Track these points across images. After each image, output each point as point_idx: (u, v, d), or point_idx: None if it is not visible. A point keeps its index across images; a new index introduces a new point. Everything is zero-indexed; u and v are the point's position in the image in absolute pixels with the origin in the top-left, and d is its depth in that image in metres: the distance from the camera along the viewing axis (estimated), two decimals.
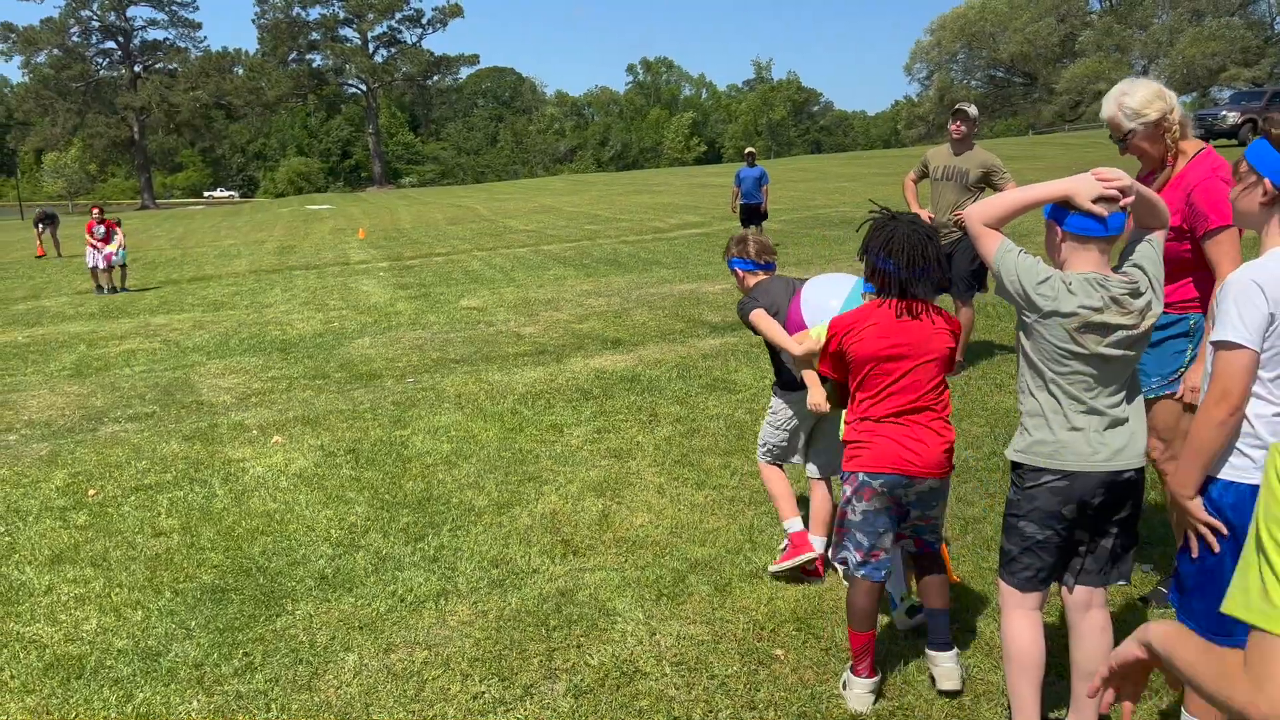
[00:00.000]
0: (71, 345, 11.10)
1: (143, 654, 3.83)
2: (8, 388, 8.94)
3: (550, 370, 8.49)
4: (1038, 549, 2.79)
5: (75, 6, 75.95)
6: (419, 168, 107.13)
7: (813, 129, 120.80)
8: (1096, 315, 2.65)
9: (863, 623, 3.22)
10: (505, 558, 4.58)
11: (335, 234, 26.86)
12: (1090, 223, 2.66)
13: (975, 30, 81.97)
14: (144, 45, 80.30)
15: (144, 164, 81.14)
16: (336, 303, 13.46)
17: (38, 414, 7.87)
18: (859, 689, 3.22)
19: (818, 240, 17.29)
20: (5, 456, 6.68)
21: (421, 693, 3.46)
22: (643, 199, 33.03)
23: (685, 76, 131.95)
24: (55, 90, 76.24)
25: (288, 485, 5.78)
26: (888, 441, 3.14)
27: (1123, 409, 2.75)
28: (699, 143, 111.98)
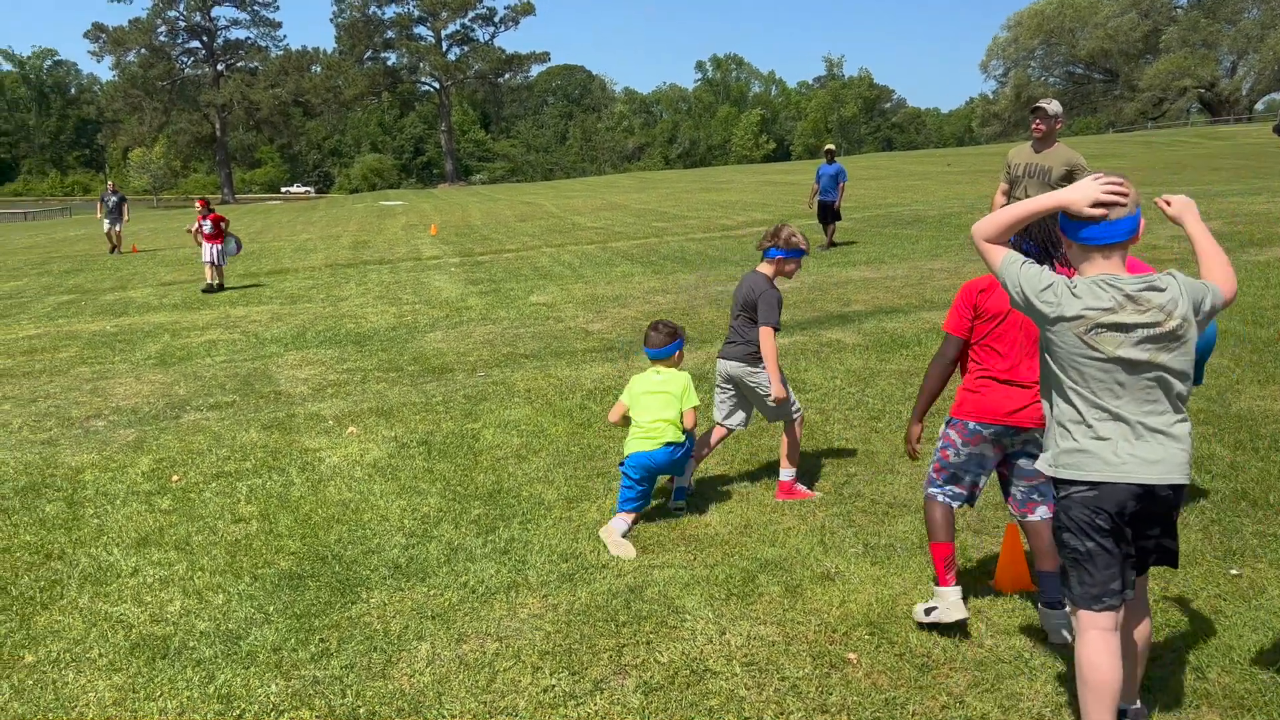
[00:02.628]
0: (156, 335, 11.47)
1: (223, 636, 3.93)
2: (97, 375, 9.27)
3: (618, 366, 8.51)
4: (1086, 563, 2.74)
5: (162, 7, 78.41)
6: (489, 165, 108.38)
7: (884, 126, 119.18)
8: (1108, 315, 2.65)
9: (945, 534, 3.69)
10: (575, 552, 4.60)
11: (408, 230, 27.30)
12: (1095, 229, 2.70)
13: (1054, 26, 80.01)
14: (227, 44, 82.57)
15: (225, 160, 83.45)
16: (409, 297, 13.67)
17: (125, 401, 8.14)
18: (953, 598, 3.61)
19: (890, 239, 17.04)
20: (94, 441, 6.92)
21: (493, 684, 3.49)
22: (710, 196, 32.92)
23: (755, 73, 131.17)
24: (142, 89, 78.80)
25: (362, 475, 5.88)
26: (997, 395, 3.62)
27: (1158, 419, 2.70)
28: (768, 140, 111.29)
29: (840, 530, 4.69)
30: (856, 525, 4.76)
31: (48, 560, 4.81)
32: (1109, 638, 2.72)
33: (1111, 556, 2.72)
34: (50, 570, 4.69)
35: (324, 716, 3.35)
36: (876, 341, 8.83)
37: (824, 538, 4.60)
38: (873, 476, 5.45)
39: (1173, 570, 3.85)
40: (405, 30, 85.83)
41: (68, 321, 13.01)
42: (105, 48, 78.00)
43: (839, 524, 4.76)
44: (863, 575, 4.19)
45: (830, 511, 4.93)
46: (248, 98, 78.99)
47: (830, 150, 17.60)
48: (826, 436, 6.21)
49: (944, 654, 3.54)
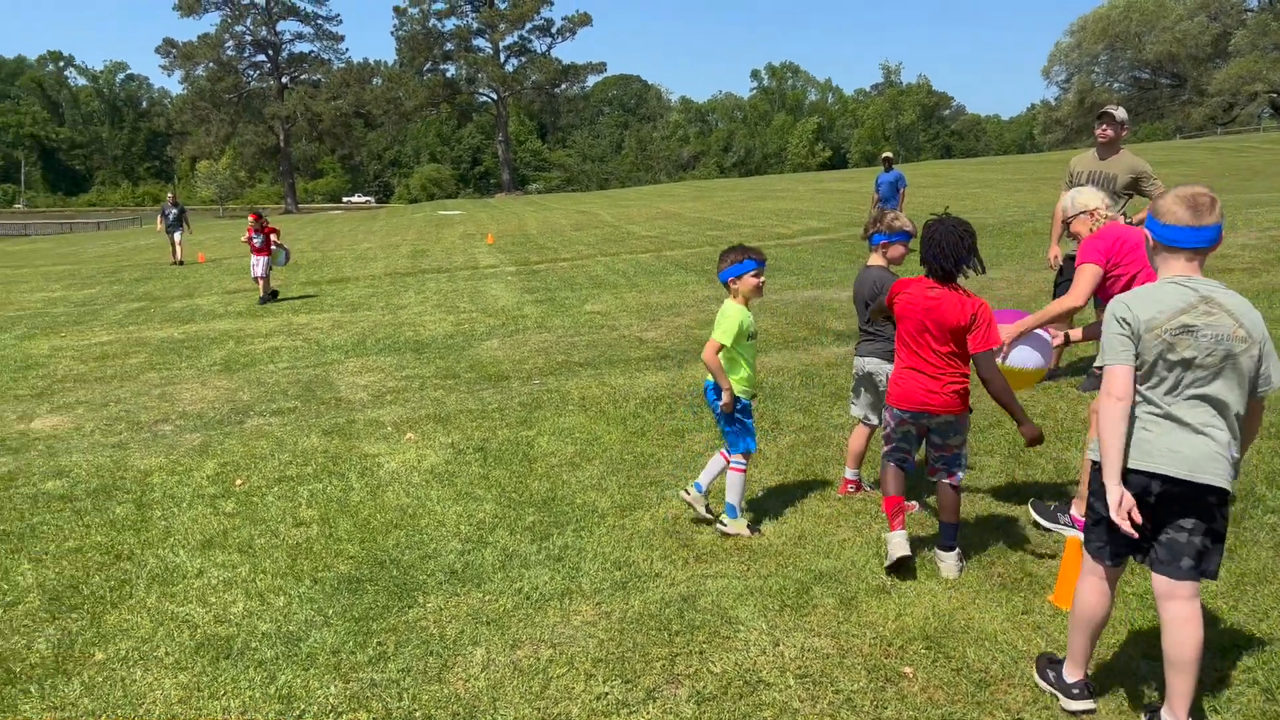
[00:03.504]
0: (221, 342, 11.75)
1: (284, 638, 4.01)
2: (165, 381, 9.52)
3: (672, 375, 8.52)
4: (1104, 526, 3.08)
5: (230, 22, 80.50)
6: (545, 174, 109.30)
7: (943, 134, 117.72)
8: (1182, 316, 2.91)
9: (893, 488, 4.38)
10: (628, 560, 4.61)
11: (465, 239, 27.62)
12: (1184, 232, 2.95)
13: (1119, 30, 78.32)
14: (291, 58, 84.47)
15: (288, 170, 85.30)
16: (466, 305, 13.83)
17: (190, 406, 8.35)
18: (897, 539, 4.24)
19: None
20: (162, 445, 7.11)
21: (546, 690, 3.51)
22: (766, 205, 32.80)
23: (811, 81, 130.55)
24: (210, 101, 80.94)
25: (420, 481, 5.96)
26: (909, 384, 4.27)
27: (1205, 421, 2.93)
28: (824, 148, 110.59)
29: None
30: (912, 537, 4.69)
31: (117, 560, 4.96)
32: (1102, 585, 3.17)
33: None
34: (120, 570, 4.83)
35: (380, 718, 3.40)
36: None
37: (879, 550, 4.55)
38: (930, 489, 5.37)
39: (1244, 589, 3.78)
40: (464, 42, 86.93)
41: (138, 328, 13.40)
42: (175, 62, 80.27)
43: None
44: (919, 588, 4.13)
45: (886, 524, 4.87)
46: (311, 109, 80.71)
47: (888, 158, 17.44)
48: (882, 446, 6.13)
49: (1002, 670, 3.49)
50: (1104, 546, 3.14)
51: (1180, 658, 2.96)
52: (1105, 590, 3.18)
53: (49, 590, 4.62)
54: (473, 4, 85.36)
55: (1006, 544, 4.55)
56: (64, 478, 6.39)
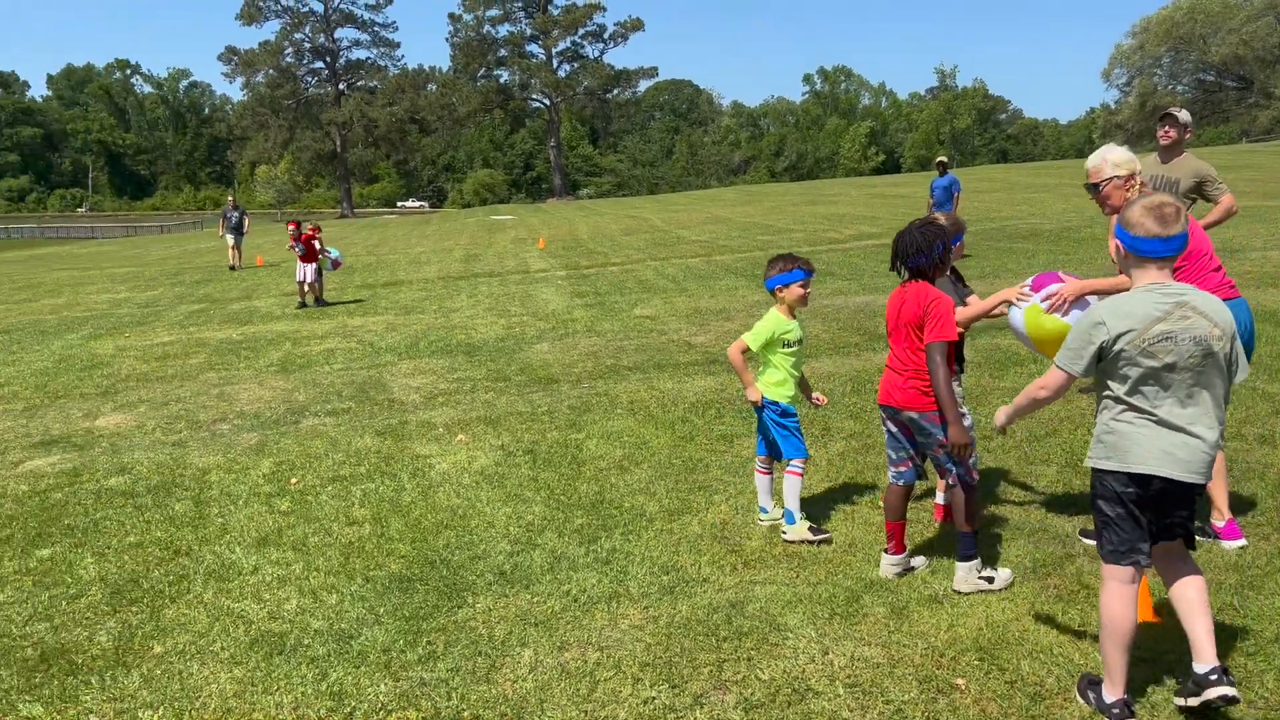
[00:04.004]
0: (278, 343, 11.97)
1: (336, 636, 4.07)
2: (223, 381, 9.73)
3: (721, 380, 8.49)
4: (1114, 527, 3.19)
5: (290, 30, 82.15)
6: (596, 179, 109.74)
7: (999, 138, 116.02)
8: (1159, 325, 3.04)
9: (890, 514, 4.34)
10: (675, 565, 4.60)
11: (517, 243, 27.84)
12: (1154, 243, 3.09)
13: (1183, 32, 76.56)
14: (348, 64, 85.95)
15: (344, 175, 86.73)
16: (517, 309, 13.93)
17: (248, 406, 8.52)
18: (886, 561, 4.32)
19: (1005, 252, 16.55)
20: (220, 444, 7.26)
21: (594, 693, 3.51)
22: (817, 209, 32.59)
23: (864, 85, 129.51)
24: (270, 108, 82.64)
25: (470, 482, 6.01)
26: (883, 380, 4.32)
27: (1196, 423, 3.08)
28: (877, 152, 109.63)
29: (948, 553, 4.56)
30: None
31: (176, 556, 5.07)
32: (1129, 590, 3.17)
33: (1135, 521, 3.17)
34: (178, 566, 4.93)
35: (430, 717, 3.43)
36: (989, 358, 8.59)
37: (931, 559, 4.49)
38: (983, 497, 5.29)
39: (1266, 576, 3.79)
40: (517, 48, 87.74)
41: (198, 329, 13.70)
42: (237, 69, 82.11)
43: (947, 545, 4.64)
44: (972, 599, 4.06)
45: (938, 532, 4.81)
46: (367, 115, 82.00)
47: (943, 162, 17.24)
48: None
49: (1058, 684, 3.41)
50: (1121, 546, 3.19)
51: (1194, 603, 3.21)
52: (1131, 598, 3.19)
53: (111, 584, 4.74)
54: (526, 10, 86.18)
55: (1062, 555, 4.46)
56: (126, 474, 6.55)
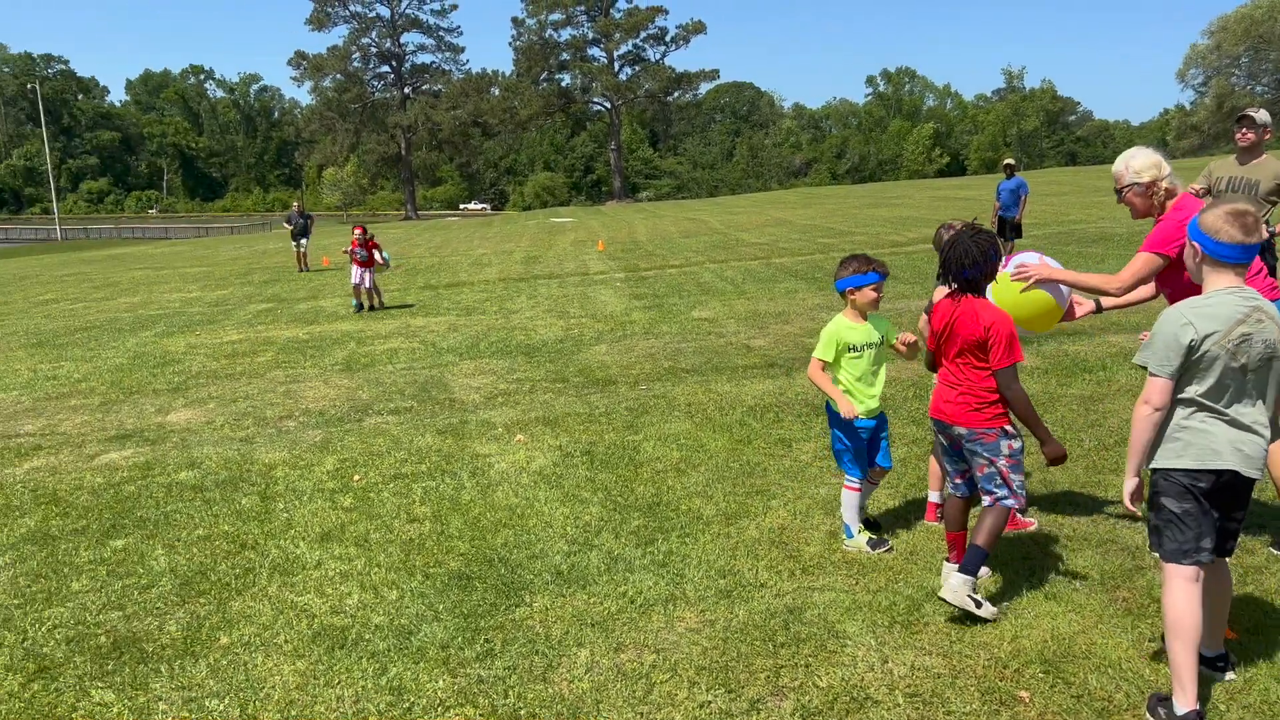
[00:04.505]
0: (343, 343, 12.19)
1: (396, 631, 4.12)
2: (290, 379, 9.93)
3: (779, 384, 8.43)
4: (1177, 525, 3.20)
5: (357, 34, 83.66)
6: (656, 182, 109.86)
7: (1068, 140, 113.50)
8: (1240, 327, 3.08)
9: (951, 525, 4.24)
10: (733, 569, 4.58)
11: (576, 245, 27.99)
12: (1236, 250, 3.14)
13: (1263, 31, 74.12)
14: (414, 69, 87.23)
15: (409, 178, 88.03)
16: (576, 311, 14.00)
17: (313, 403, 8.68)
18: (948, 570, 4.10)
19: (1073, 257, 16.19)
20: (285, 441, 7.41)
21: (650, 695, 3.51)
22: (880, 212, 32.22)
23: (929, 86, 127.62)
24: (337, 111, 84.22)
25: (529, 482, 6.05)
26: (935, 394, 4.18)
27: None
28: (941, 154, 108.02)
29: (1014, 562, 4.47)
30: (1031, 558, 4.53)
31: (242, 550, 5.18)
32: (1195, 588, 3.18)
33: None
34: (245, 559, 5.04)
35: (487, 715, 3.45)
36: (1057, 365, 8.40)
37: (995, 568, 4.40)
38: (1050, 507, 5.17)
39: None
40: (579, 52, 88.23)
41: (265, 328, 14.02)
42: (305, 73, 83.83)
43: (1012, 555, 4.54)
44: (1037, 610, 3.97)
45: (1002, 542, 4.71)
46: (431, 119, 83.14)
47: (1010, 165, 16.91)
48: None
49: (1126, 699, 3.32)
50: (1186, 544, 3.18)
51: (1225, 603, 3.40)
52: (1197, 596, 3.18)
53: (180, 575, 4.86)
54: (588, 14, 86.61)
55: (1132, 567, 4.34)
56: (196, 469, 6.73)
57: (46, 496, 6.26)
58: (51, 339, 14.02)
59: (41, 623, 4.39)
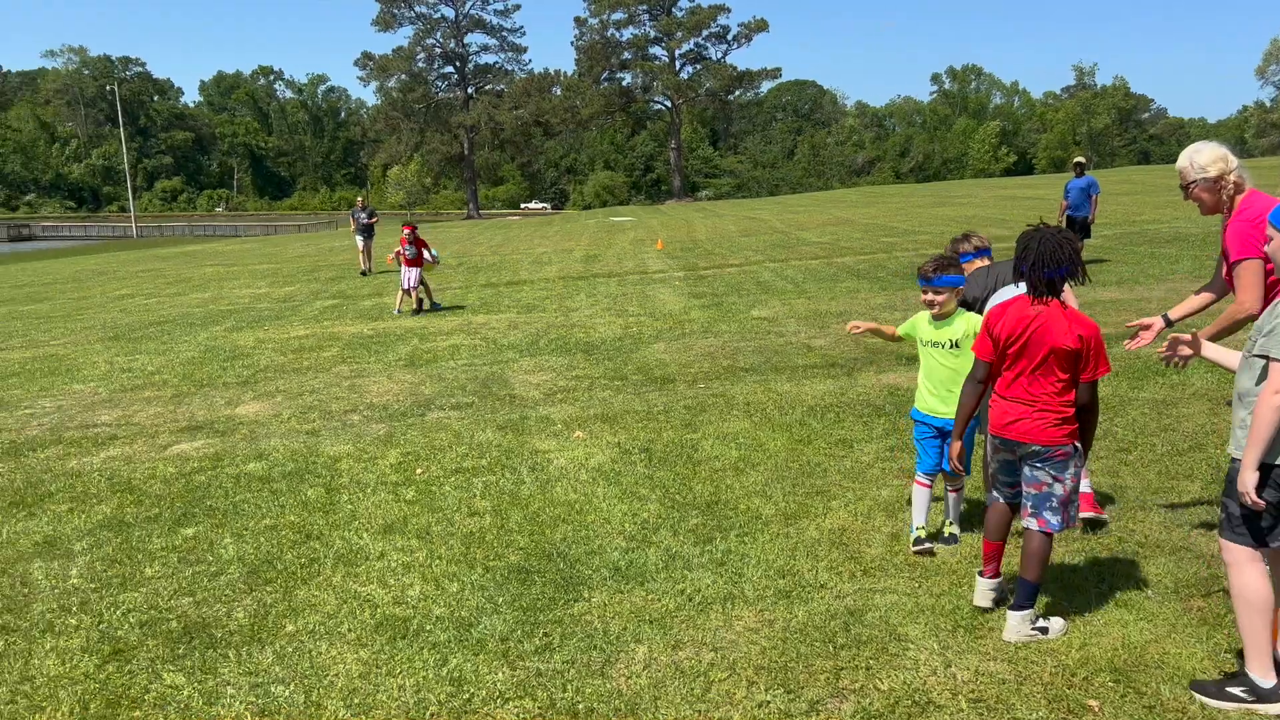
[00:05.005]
0: (406, 339, 12.37)
1: (457, 623, 4.17)
2: (354, 374, 10.11)
3: (840, 384, 8.34)
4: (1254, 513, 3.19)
5: (422, 35, 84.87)
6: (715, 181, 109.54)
7: (1140, 138, 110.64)
8: None
9: (991, 533, 3.99)
10: (792, 569, 4.54)
11: (635, 244, 28.02)
12: None
13: None
14: (477, 69, 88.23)
15: (471, 177, 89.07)
16: (635, 309, 14.02)
17: (377, 398, 8.82)
18: (982, 587, 3.97)
19: (1145, 257, 15.76)
20: (350, 434, 7.54)
21: (708, 693, 3.49)
22: (944, 211, 31.72)
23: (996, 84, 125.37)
24: (401, 111, 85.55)
25: (587, 478, 6.07)
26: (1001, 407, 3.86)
27: None
28: (1008, 153, 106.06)
29: (1082, 568, 4.36)
30: (1101, 564, 4.41)
31: (308, 540, 5.28)
32: (1264, 566, 3.24)
33: None
34: (310, 549, 5.14)
35: (545, 708, 3.47)
36: (1127, 367, 8.18)
37: (1063, 575, 4.30)
38: (1120, 513, 5.04)
39: None
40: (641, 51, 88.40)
41: (331, 324, 14.28)
42: (371, 74, 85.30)
43: (1081, 561, 4.43)
44: (1107, 618, 3.87)
45: (1071, 548, 4.60)
46: (494, 119, 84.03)
47: (1080, 163, 16.52)
48: None
49: (1201, 710, 3.22)
50: (1265, 531, 3.21)
51: None
52: (1266, 571, 3.24)
53: (248, 563, 4.98)
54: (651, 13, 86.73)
55: (1207, 576, 4.20)
56: (263, 460, 6.87)
57: (122, 485, 6.46)
58: (127, 333, 14.46)
59: (116, 606, 4.53)
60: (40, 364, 11.71)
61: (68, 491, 6.35)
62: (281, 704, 3.60)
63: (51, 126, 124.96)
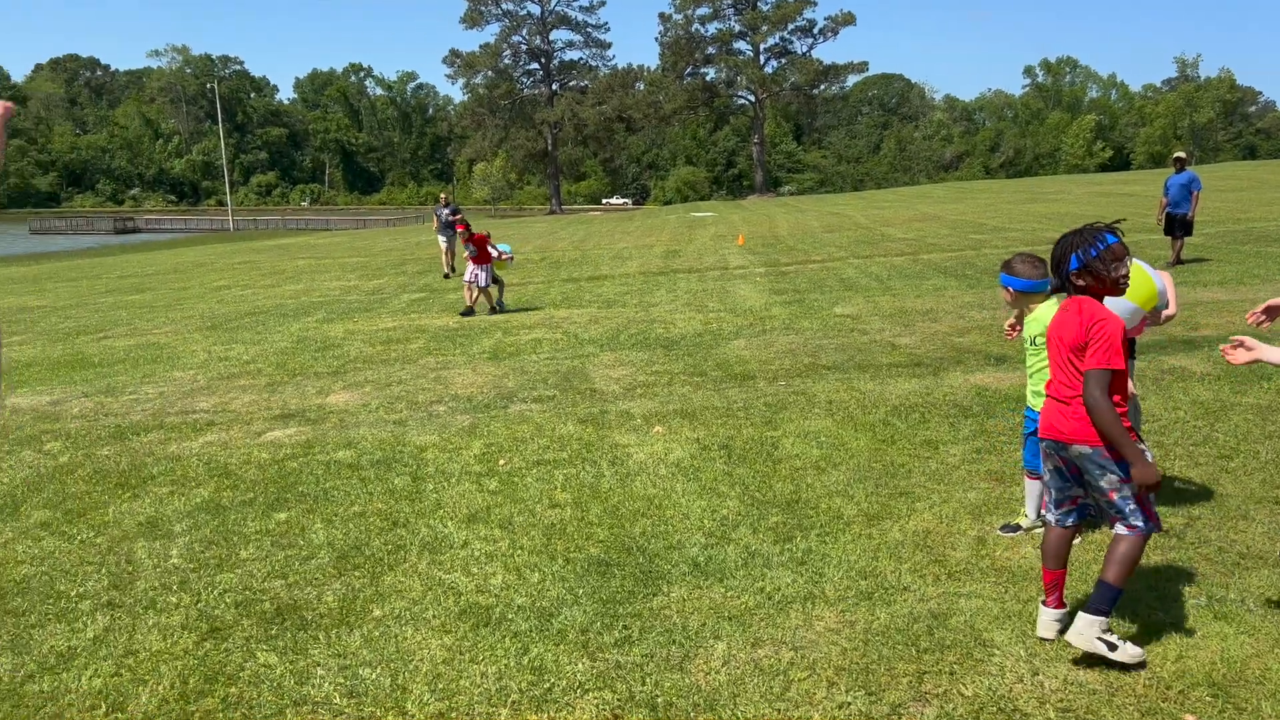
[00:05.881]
0: (490, 332, 12.56)
1: (538, 613, 4.22)
2: (440, 365, 10.30)
3: (926, 383, 8.19)
4: None
5: (508, 32, 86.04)
6: (798, 176, 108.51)
7: (1246, 132, 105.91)
8: None
9: (1049, 561, 3.78)
10: (874, 570, 4.48)
11: (716, 240, 27.94)
12: None
13: None
14: (561, 65, 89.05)
15: (554, 173, 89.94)
16: (715, 305, 13.98)
17: (462, 390, 8.98)
18: (1045, 617, 3.76)
19: (1250, 256, 15.10)
20: (435, 425, 7.69)
21: (787, 692, 3.47)
22: (1036, 208, 30.86)
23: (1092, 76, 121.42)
24: (487, 108, 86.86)
25: (666, 473, 6.09)
26: (1045, 408, 3.79)
27: None
28: (1104, 148, 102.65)
29: (1179, 578, 4.21)
30: (1200, 575, 4.25)
31: (394, 527, 5.41)
32: None
33: None
34: (396, 536, 5.27)
35: (624, 700, 3.50)
36: (1229, 371, 7.85)
37: (1158, 584, 4.15)
38: (1221, 522, 4.84)
39: None
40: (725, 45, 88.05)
41: (418, 316, 14.58)
42: (459, 70, 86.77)
43: (1177, 571, 4.28)
44: (1205, 630, 3.73)
45: (1168, 557, 4.44)
46: (577, 115, 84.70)
47: (1180, 158, 15.91)
48: (1164, 473, 5.61)
49: None
50: None
51: None
52: None
53: (337, 549, 5.12)
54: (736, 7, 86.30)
55: None
56: (352, 448, 7.06)
57: (219, 469, 6.70)
58: (224, 322, 14.99)
59: (213, 586, 4.70)
60: (143, 351, 12.22)
61: (168, 475, 6.63)
62: (369, 686, 3.70)
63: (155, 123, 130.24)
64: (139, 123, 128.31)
